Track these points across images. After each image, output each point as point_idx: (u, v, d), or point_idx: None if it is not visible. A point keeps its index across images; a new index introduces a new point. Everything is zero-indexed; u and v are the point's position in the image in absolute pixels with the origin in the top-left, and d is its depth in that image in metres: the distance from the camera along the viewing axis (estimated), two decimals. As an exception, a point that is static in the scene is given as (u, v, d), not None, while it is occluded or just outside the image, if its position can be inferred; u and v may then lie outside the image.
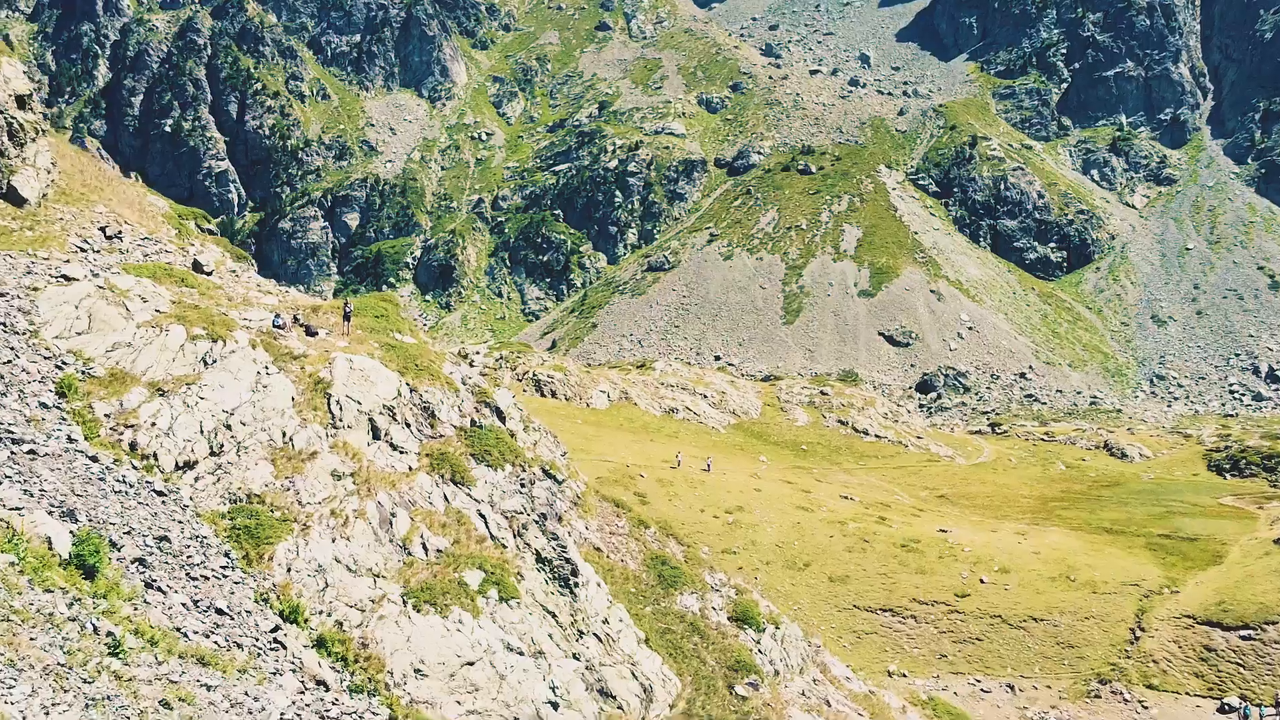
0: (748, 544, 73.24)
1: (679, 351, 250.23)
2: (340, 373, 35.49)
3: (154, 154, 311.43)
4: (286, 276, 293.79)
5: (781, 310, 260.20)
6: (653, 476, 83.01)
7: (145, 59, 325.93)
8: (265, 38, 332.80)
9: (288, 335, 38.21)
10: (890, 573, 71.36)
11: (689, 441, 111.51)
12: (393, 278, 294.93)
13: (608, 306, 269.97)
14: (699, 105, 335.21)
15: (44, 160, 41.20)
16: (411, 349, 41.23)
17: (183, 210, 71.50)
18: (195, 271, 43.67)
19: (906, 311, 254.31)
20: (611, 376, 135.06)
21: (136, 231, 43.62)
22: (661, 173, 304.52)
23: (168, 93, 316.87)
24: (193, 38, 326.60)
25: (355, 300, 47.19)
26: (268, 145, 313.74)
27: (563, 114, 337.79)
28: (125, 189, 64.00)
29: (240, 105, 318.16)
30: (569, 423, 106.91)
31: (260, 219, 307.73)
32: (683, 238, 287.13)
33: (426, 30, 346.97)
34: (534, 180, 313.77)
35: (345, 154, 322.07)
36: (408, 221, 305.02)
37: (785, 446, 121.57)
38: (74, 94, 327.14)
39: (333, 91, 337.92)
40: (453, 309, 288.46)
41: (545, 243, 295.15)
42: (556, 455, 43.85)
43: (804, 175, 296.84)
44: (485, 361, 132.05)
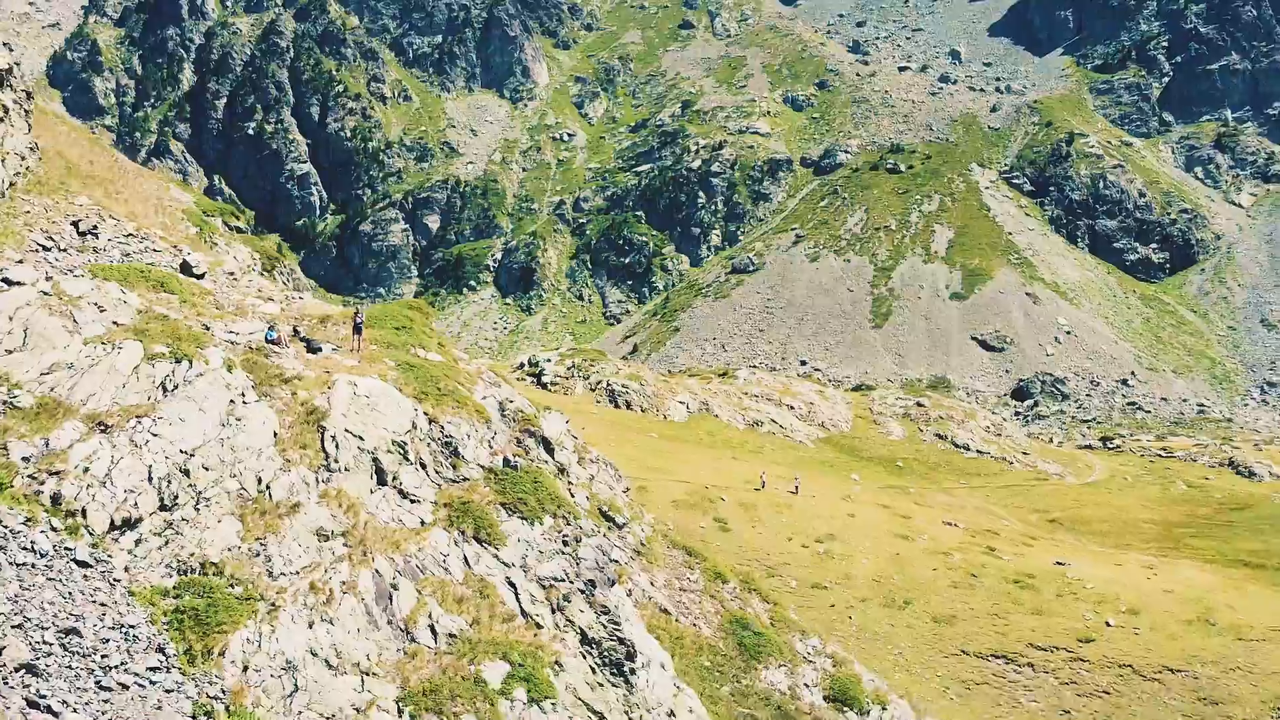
0: (841, 578, 65.65)
1: (763, 356, 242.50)
2: (340, 400, 29.53)
3: (236, 157, 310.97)
4: (367, 279, 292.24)
5: (869, 314, 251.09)
6: (734, 499, 75.70)
7: (229, 62, 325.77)
8: (347, 39, 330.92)
9: (283, 352, 32.33)
10: (1002, 613, 63.34)
11: (774, 458, 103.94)
12: (473, 280, 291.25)
13: (690, 310, 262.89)
14: (784, 103, 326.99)
15: (17, 144, 35.30)
16: (435, 368, 35.46)
17: (209, 206, 66.03)
18: (184, 274, 37.71)
19: (1000, 315, 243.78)
20: (691, 386, 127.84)
21: (121, 227, 37.75)
22: (746, 172, 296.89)
23: (250, 96, 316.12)
24: (275, 40, 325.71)
25: (371, 309, 42.04)
26: (349, 147, 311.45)
27: (645, 114, 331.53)
28: (140, 182, 58.65)
29: (322, 108, 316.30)
30: (643, 437, 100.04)
31: (341, 222, 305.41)
32: (767, 239, 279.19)
33: (508, 30, 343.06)
34: (616, 181, 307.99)
35: (426, 156, 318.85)
36: (488, 223, 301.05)
37: (879, 463, 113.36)
38: (159, 98, 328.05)
39: (414, 93, 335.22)
40: (533, 312, 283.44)
41: (627, 244, 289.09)
42: (617, 492, 37.14)
43: (893, 174, 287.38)
44: (557, 370, 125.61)
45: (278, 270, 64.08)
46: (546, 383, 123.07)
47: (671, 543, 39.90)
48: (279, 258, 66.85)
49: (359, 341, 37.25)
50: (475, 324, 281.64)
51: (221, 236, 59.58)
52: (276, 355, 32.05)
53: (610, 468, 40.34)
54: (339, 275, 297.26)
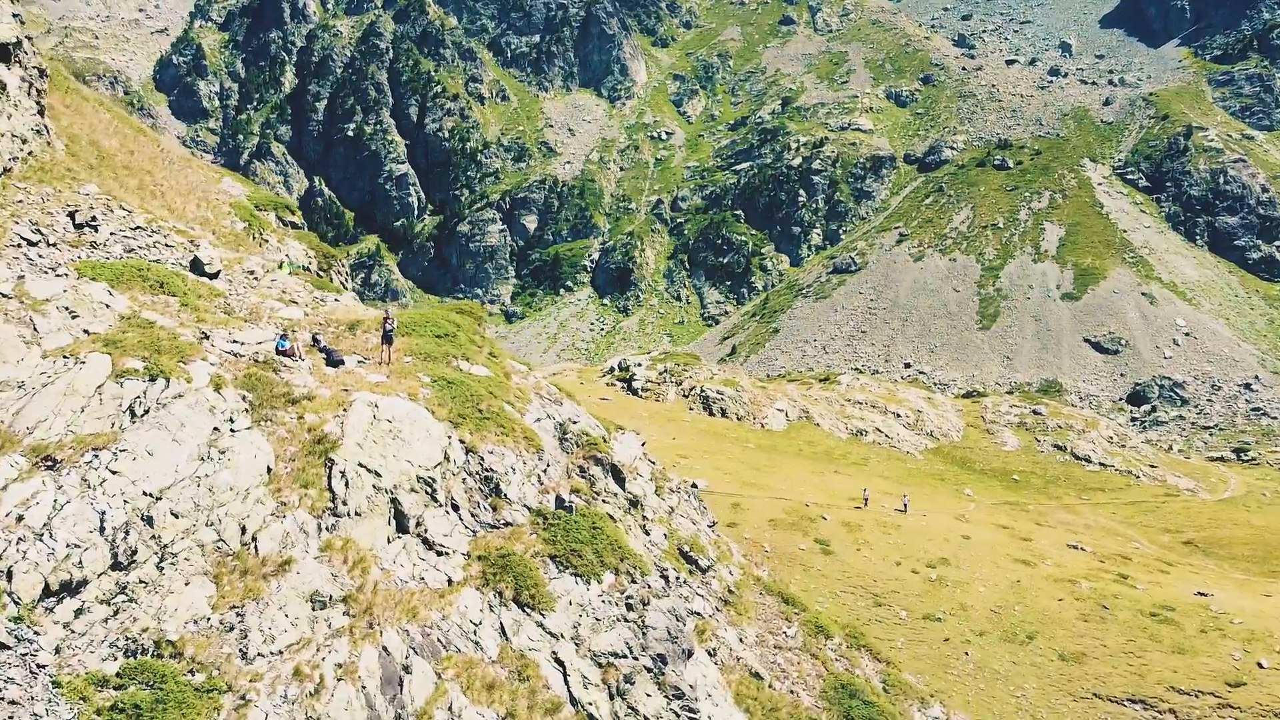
0: (956, 608, 60.04)
1: (865, 359, 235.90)
2: (356, 426, 25.33)
3: (336, 158, 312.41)
4: (465, 280, 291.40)
5: (977, 315, 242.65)
6: (837, 519, 70.37)
7: (329, 64, 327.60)
8: (445, 40, 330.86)
9: (295, 366, 28.27)
10: (1139, 650, 57.28)
11: (880, 470, 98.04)
12: (570, 281, 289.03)
13: (790, 311, 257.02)
14: (887, 99, 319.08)
15: (18, 125, 31.71)
16: (478, 385, 31.17)
17: (262, 199, 62.56)
18: (194, 272, 33.73)
19: (1115, 316, 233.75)
20: (790, 392, 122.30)
21: (129, 220, 33.96)
22: (847, 170, 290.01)
23: (350, 97, 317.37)
24: (375, 42, 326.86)
25: (410, 313, 37.33)
26: (447, 148, 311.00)
27: (744, 111, 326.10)
28: (185, 174, 55.43)
29: (420, 108, 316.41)
30: (739, 448, 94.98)
31: (439, 222, 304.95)
32: (870, 238, 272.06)
33: (606, 29, 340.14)
34: (714, 180, 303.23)
35: (524, 155, 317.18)
36: (586, 223, 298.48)
37: (993, 476, 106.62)
38: (261, 101, 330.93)
39: (512, 93, 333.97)
40: (630, 313, 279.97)
41: (726, 244, 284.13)
42: (702, 527, 32.33)
43: (1000, 171, 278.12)
44: (648, 375, 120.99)
45: (334, 269, 60.43)
46: (637, 389, 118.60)
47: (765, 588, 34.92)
48: (334, 255, 63.13)
49: (389, 352, 33.06)
50: (572, 325, 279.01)
51: (273, 232, 56.04)
52: (287, 370, 28.01)
53: (694, 498, 35.48)
54: (437, 276, 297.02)
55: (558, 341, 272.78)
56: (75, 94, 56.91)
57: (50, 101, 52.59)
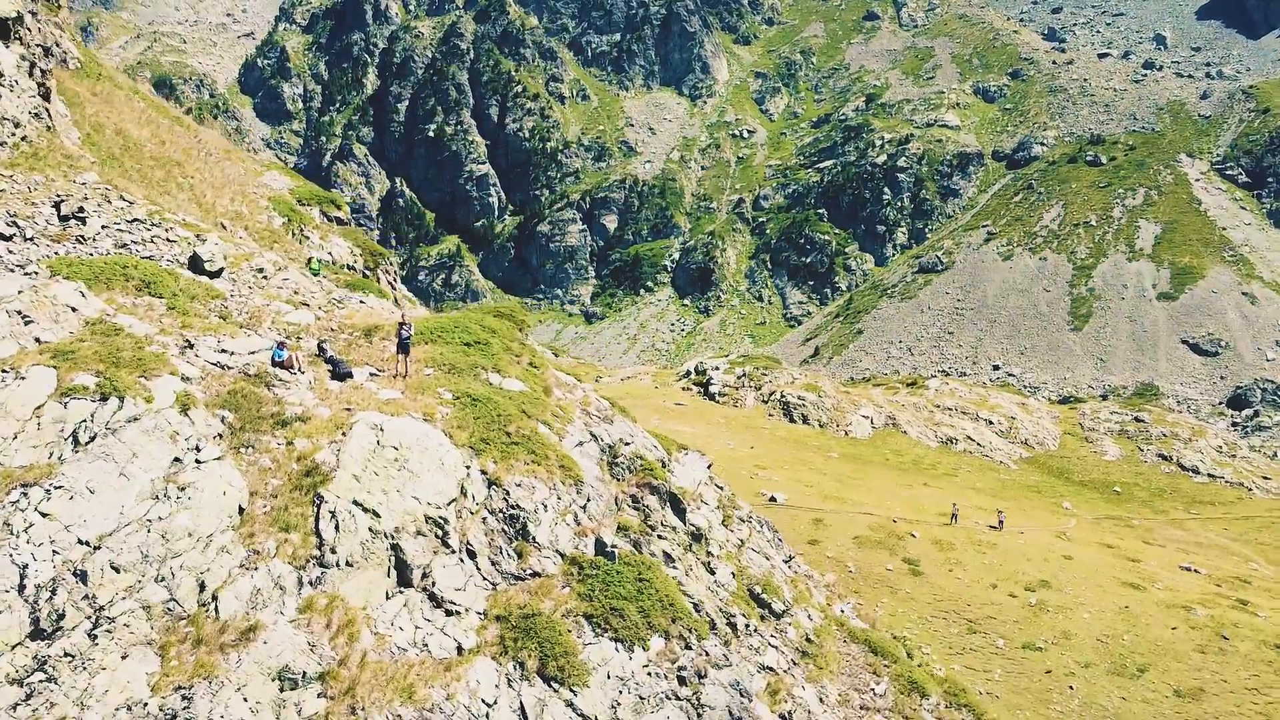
0: (1058, 637, 55.61)
1: (952, 360, 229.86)
2: (355, 453, 21.94)
3: (417, 159, 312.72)
4: (545, 281, 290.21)
5: (1068, 315, 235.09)
6: (927, 536, 66.00)
7: (411, 65, 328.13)
8: (526, 40, 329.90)
9: (292, 380, 25.28)
10: (1264, 687, 52.51)
11: (971, 481, 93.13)
12: (650, 281, 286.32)
13: (875, 311, 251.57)
14: (975, 95, 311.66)
15: (15, 106, 29.15)
16: (509, 402, 27.81)
17: (305, 193, 59.85)
18: (193, 269, 30.79)
19: (1214, 316, 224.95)
20: (875, 397, 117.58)
21: (126, 212, 31.14)
22: (934, 167, 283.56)
23: (431, 98, 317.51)
24: (456, 42, 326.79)
25: (439, 318, 33.84)
26: (527, 148, 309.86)
27: (828, 108, 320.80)
28: (222, 166, 52.88)
29: (501, 108, 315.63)
30: (821, 458, 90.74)
31: (519, 222, 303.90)
32: (957, 237, 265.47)
33: (687, 27, 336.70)
34: (797, 178, 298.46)
35: (604, 155, 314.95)
36: (666, 223, 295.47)
37: (1093, 488, 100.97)
38: (344, 102, 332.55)
39: (592, 92, 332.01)
40: (711, 314, 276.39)
41: (808, 243, 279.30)
42: (776, 563, 28.66)
43: (1093, 167, 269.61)
44: (725, 379, 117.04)
45: (382, 269, 57.66)
46: (714, 393, 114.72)
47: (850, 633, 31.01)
48: (383, 253, 60.36)
49: (405, 363, 29.48)
50: (652, 326, 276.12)
51: (315, 228, 53.41)
52: (282, 384, 24.91)
53: (767, 528, 31.79)
54: (517, 276, 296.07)
55: (638, 343, 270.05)
56: (108, 81, 54.86)
57: (76, 88, 50.45)
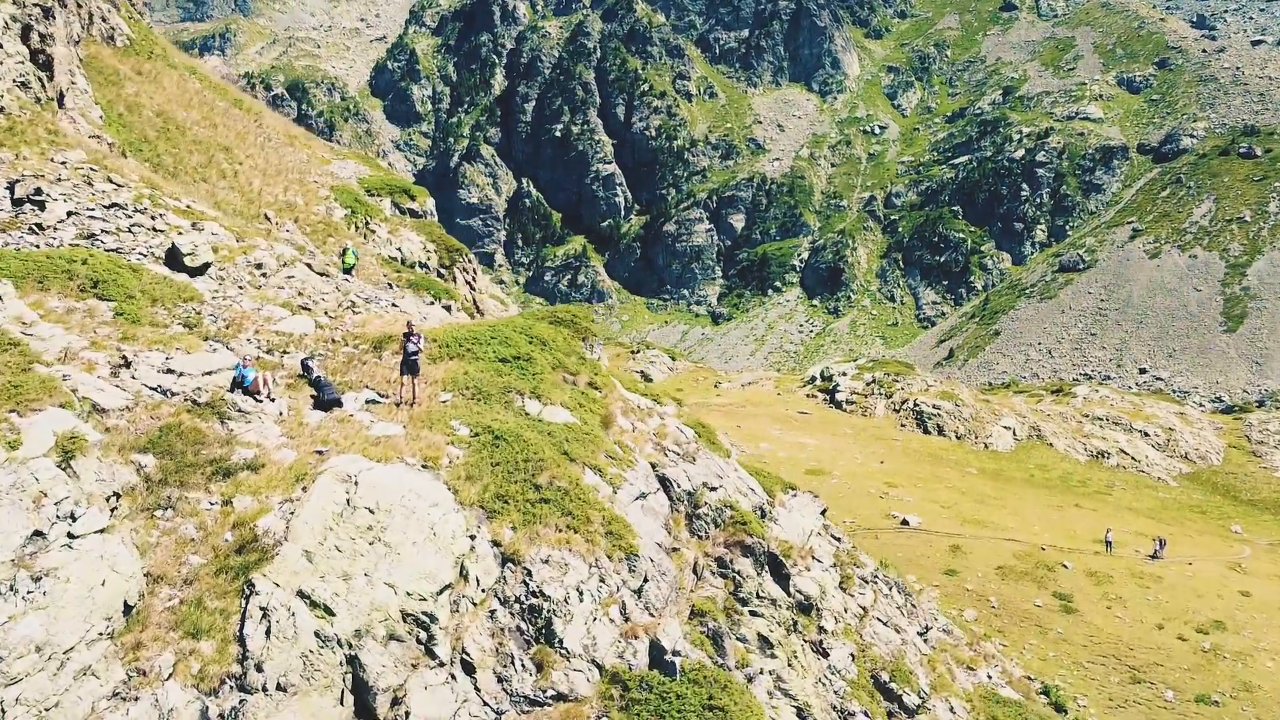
0: (1238, 689, 49.43)
1: (1095, 363, 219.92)
2: (313, 520, 17.14)
3: (544, 159, 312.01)
4: (671, 281, 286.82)
5: (1220, 316, 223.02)
6: (1080, 566, 59.98)
7: (538, 65, 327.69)
8: (653, 38, 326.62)
9: (257, 411, 20.85)
10: None
11: (1126, 500, 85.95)
12: (778, 281, 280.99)
13: (1012, 312, 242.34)
14: (1118, 86, 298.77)
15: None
16: (543, 441, 22.32)
17: (375, 183, 56.64)
18: (169, 264, 27.22)
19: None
20: (1017, 406, 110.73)
21: (109, 196, 28.19)
22: (1075, 162, 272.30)
23: (558, 98, 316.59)
24: (583, 41, 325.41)
25: (471, 325, 28.68)
26: (654, 146, 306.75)
27: (963, 103, 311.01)
28: (281, 153, 50.22)
29: (627, 107, 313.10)
30: (958, 474, 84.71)
31: (645, 222, 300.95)
32: (1100, 234, 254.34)
33: (817, 21, 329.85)
34: (930, 175, 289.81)
35: (731, 153, 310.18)
36: (795, 222, 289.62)
37: (1265, 509, 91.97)
38: (472, 103, 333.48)
39: (720, 89, 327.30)
40: (841, 314, 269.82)
41: (942, 242, 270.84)
42: (909, 636, 24.08)
43: (1247, 159, 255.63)
44: (853, 386, 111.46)
45: (458, 266, 53.99)
46: (841, 401, 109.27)
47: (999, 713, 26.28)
48: (460, 249, 56.82)
49: (414, 386, 24.09)
50: (780, 327, 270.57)
51: (384, 221, 50.09)
52: (241, 417, 20.38)
53: (898, 589, 26.79)
54: (643, 277, 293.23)
55: (765, 344, 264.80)
56: (161, 60, 52.51)
57: (118, 65, 48.01)
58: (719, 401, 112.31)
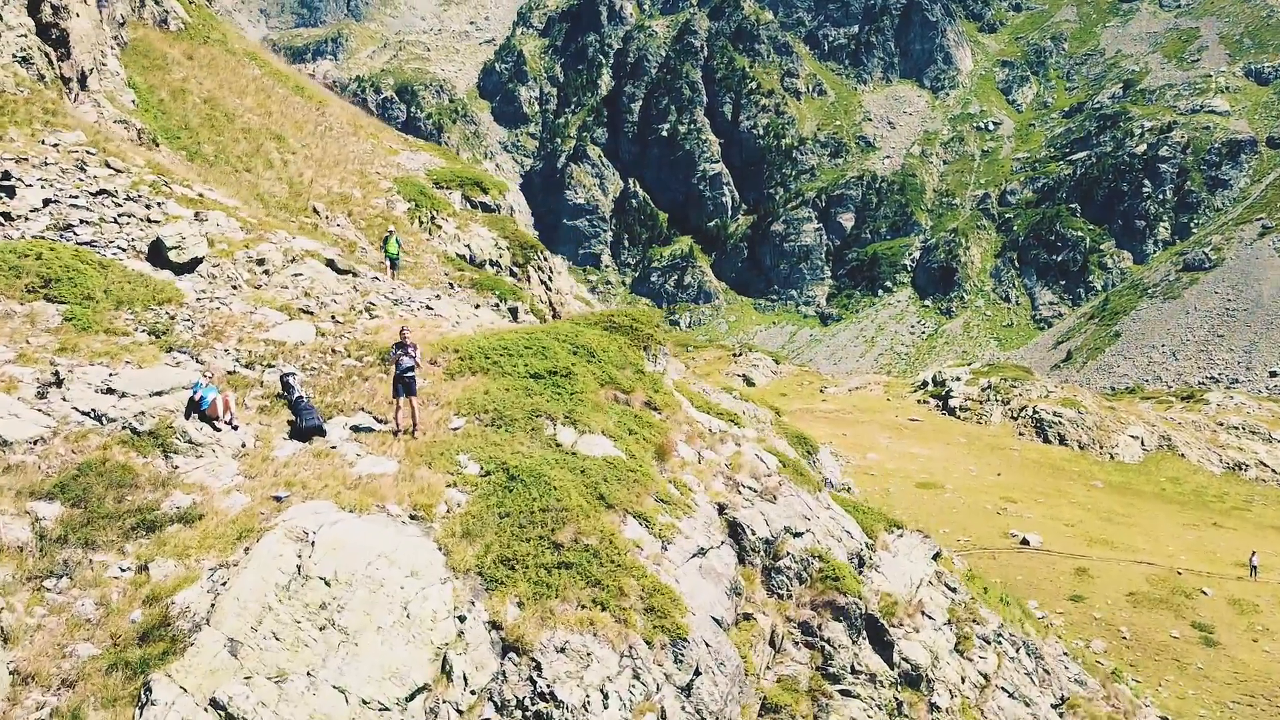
0: None
1: (1222, 366, 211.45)
2: (247, 595, 13.65)
3: (651, 159, 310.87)
4: (779, 281, 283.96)
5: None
6: (1221, 593, 55.95)
7: (644, 65, 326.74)
8: (760, 35, 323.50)
9: (212, 441, 17.74)
10: None
11: (1270, 517, 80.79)
12: (889, 281, 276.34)
13: (1133, 313, 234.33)
14: (1246, 77, 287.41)
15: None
16: (572, 483, 18.64)
17: (443, 174, 54.83)
18: (152, 260, 24.60)
19: None
20: (1144, 414, 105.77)
21: (103, 183, 26.01)
22: (1200, 157, 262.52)
23: (665, 97, 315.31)
24: (690, 40, 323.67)
25: (485, 337, 25.05)
26: (761, 145, 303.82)
27: (1080, 97, 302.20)
28: (342, 143, 48.75)
29: (735, 106, 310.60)
30: (1082, 488, 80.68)
31: (753, 222, 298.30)
32: (1227, 231, 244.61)
33: (929, 16, 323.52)
34: (1047, 171, 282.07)
35: (840, 151, 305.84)
36: (906, 221, 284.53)
37: None
38: (579, 104, 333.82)
39: (829, 86, 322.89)
40: (954, 315, 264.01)
41: (1060, 240, 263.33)
42: (1041, 709, 20.65)
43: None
44: (967, 391, 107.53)
45: (532, 264, 52.03)
46: (954, 407, 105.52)
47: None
48: (535, 246, 54.89)
49: (412, 410, 20.67)
50: (890, 328, 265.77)
51: (452, 215, 48.30)
52: (191, 450, 17.27)
53: (1026, 651, 23.46)
54: (750, 277, 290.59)
55: (875, 345, 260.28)
56: (219, 45, 51.66)
57: (167, 49, 47.09)
58: (824, 408, 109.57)
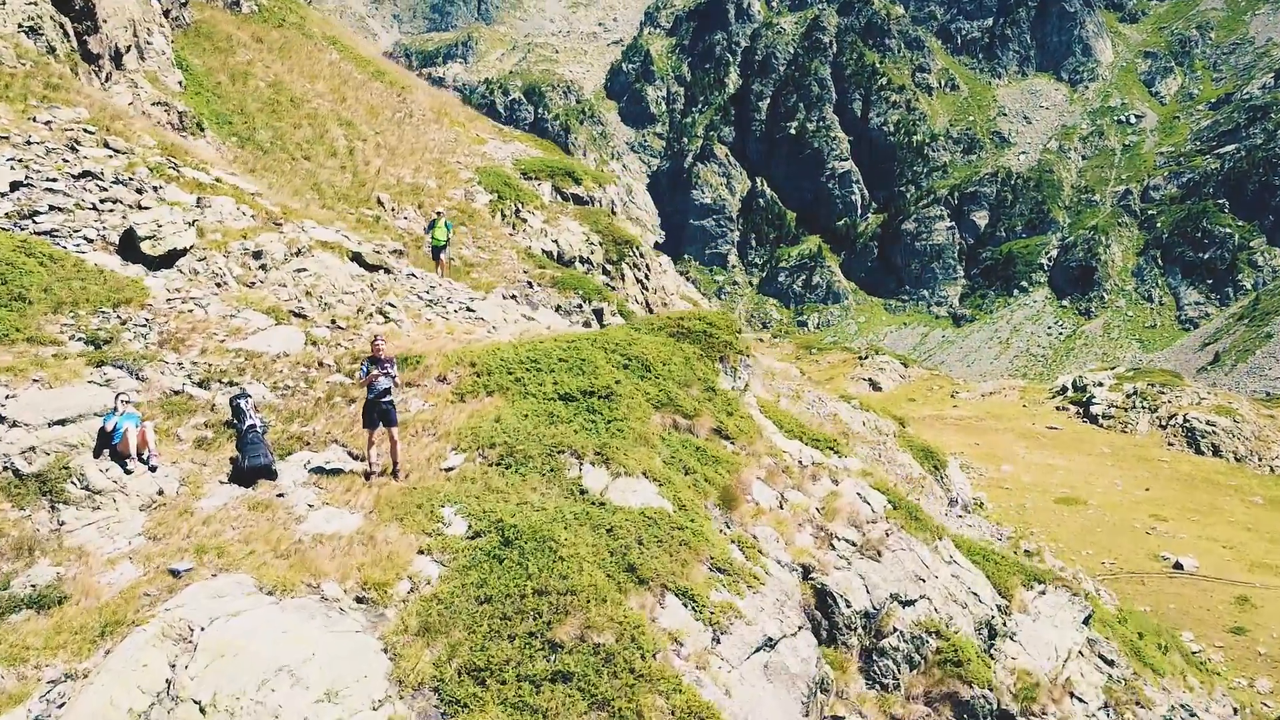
0: None
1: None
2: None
3: (779, 158, 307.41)
4: (910, 281, 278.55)
5: None
6: None
7: (772, 62, 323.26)
8: (891, 30, 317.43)
9: (113, 490, 14.32)
10: None
11: None
12: (1024, 281, 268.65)
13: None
14: None
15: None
16: (591, 548, 13.64)
17: (532, 164, 53.04)
18: (123, 253, 22.13)
19: None
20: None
21: (76, 165, 23.85)
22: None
23: (793, 95, 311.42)
24: (818, 36, 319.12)
25: (515, 347, 21.15)
26: (891, 142, 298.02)
27: (1228, 88, 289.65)
28: (422, 129, 47.20)
29: (864, 102, 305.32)
30: (1240, 504, 75.39)
31: (883, 221, 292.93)
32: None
33: (1067, 7, 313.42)
34: (1192, 165, 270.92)
35: (974, 147, 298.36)
36: (1042, 218, 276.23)
37: None
38: (706, 103, 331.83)
39: (962, 81, 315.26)
40: (1093, 315, 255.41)
41: (1206, 237, 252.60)
42: None
43: None
44: (1110, 398, 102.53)
45: (627, 261, 50.03)
46: (1096, 415, 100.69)
47: None
48: (631, 240, 52.81)
49: (391, 443, 16.57)
50: (1026, 329, 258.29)
51: (540, 208, 46.50)
52: (85, 499, 13.61)
53: None
54: (880, 277, 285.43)
55: (1010, 347, 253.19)
56: (295, 28, 50.82)
57: (235, 31, 46.25)
58: (955, 414, 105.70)
